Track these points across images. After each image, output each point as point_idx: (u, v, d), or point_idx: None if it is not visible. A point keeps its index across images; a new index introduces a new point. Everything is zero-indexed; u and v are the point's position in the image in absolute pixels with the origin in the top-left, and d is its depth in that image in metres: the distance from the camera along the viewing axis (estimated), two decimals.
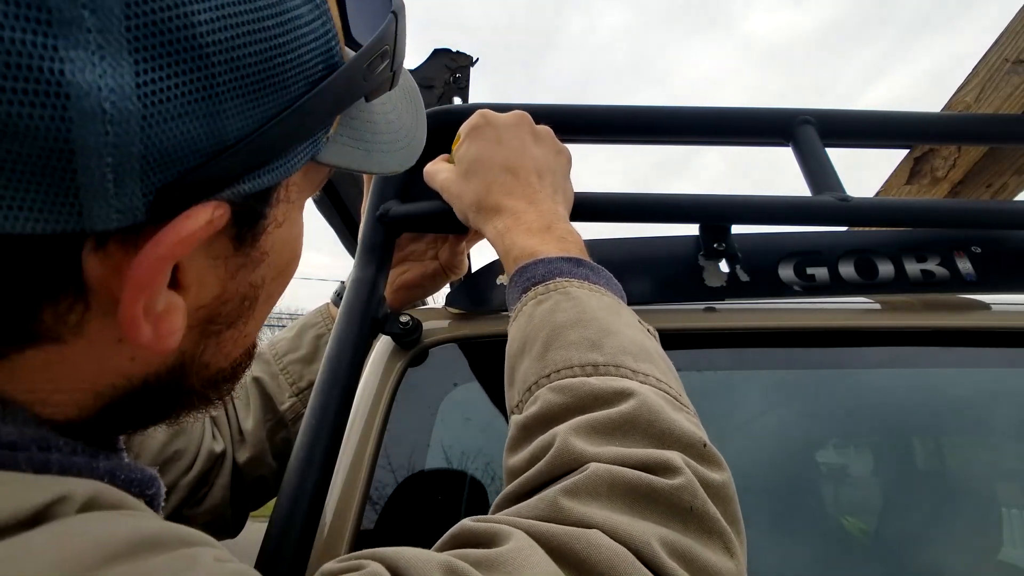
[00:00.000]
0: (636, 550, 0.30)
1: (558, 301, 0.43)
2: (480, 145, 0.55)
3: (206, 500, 0.64)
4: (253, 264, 0.32)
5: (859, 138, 0.72)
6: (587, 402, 0.38)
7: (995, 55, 0.80)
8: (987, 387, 0.72)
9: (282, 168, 0.29)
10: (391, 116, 0.39)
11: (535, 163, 0.55)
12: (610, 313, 0.44)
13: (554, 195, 0.54)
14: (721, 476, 0.36)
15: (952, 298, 0.72)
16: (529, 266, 0.47)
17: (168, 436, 0.62)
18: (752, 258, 0.68)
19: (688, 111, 0.69)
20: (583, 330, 0.41)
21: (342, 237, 1.22)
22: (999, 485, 0.75)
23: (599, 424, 0.37)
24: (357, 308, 0.57)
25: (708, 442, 0.37)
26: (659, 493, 0.33)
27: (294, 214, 0.34)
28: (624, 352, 0.41)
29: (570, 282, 0.45)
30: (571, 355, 0.40)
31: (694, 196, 0.64)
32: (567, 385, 0.39)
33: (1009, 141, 0.76)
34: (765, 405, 0.69)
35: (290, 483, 0.48)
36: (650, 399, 0.37)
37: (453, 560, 0.28)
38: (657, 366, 0.42)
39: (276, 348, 0.74)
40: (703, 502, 0.33)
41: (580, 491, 0.33)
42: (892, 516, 0.73)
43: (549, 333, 0.42)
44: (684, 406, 0.40)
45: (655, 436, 0.36)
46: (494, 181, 0.53)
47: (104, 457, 0.30)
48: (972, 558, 0.66)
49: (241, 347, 0.36)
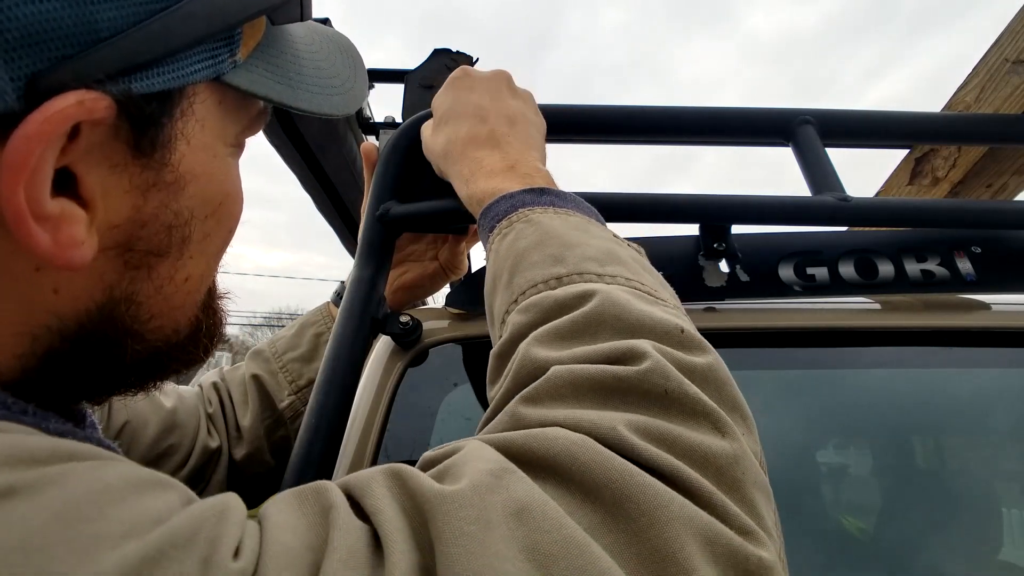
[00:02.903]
0: (600, 436, 0.28)
1: (520, 230, 0.42)
2: (453, 94, 0.54)
3: (202, 496, 0.65)
4: (168, 187, 0.31)
5: (859, 138, 0.72)
6: (551, 313, 0.36)
7: (995, 55, 0.80)
8: (987, 387, 0.72)
9: (173, 73, 0.29)
10: (321, 64, 0.39)
11: (508, 110, 0.53)
12: (575, 229, 0.42)
13: (526, 141, 0.53)
14: (704, 359, 0.33)
15: (952, 298, 0.72)
16: (492, 205, 0.45)
17: (161, 431, 0.62)
18: (752, 258, 0.68)
19: (688, 111, 0.69)
20: (545, 249, 0.40)
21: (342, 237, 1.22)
22: (999, 485, 0.75)
23: (561, 329, 0.35)
24: (357, 308, 0.57)
25: (688, 327, 0.35)
26: (625, 381, 0.31)
27: (214, 143, 0.34)
28: (588, 259, 0.39)
29: (532, 210, 0.43)
30: (534, 274, 0.39)
31: (694, 196, 0.64)
32: (531, 303, 0.38)
33: (1009, 141, 0.76)
34: (765, 405, 0.69)
35: (290, 483, 0.48)
36: (615, 295, 0.35)
37: (396, 465, 0.28)
38: (627, 267, 0.40)
39: (276, 346, 0.74)
40: (679, 383, 0.30)
41: (540, 396, 0.31)
42: (892, 516, 0.73)
43: (513, 261, 0.41)
44: (660, 299, 0.38)
45: (623, 331, 0.34)
46: (461, 128, 0.52)
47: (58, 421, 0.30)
48: (972, 558, 0.66)
49: (187, 293, 0.35)
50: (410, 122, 0.64)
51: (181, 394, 0.68)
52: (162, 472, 0.26)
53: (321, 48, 0.40)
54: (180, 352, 0.37)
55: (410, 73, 0.76)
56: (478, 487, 0.25)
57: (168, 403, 0.65)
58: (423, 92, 0.75)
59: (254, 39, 0.35)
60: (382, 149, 0.64)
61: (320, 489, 0.27)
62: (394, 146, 0.63)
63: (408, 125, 0.64)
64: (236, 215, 0.37)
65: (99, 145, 0.28)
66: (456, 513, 0.24)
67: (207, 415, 0.69)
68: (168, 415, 0.64)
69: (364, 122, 0.82)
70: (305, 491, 0.27)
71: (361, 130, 0.85)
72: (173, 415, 0.64)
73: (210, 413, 0.70)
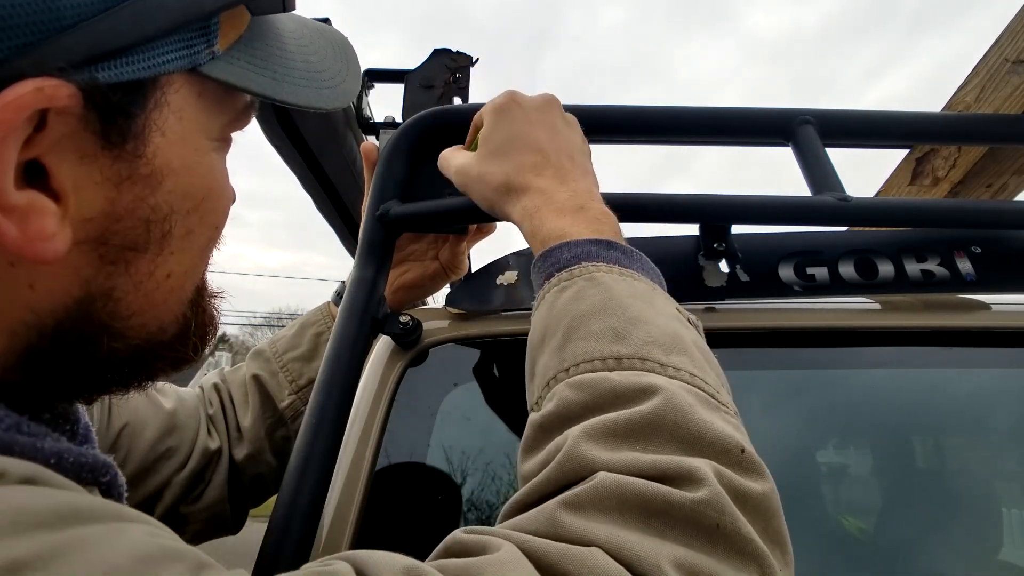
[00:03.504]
0: (640, 572, 0.26)
1: (582, 288, 0.40)
2: (509, 125, 0.52)
3: (203, 497, 0.65)
4: (144, 181, 0.31)
5: (859, 138, 0.72)
6: (607, 400, 0.34)
7: (995, 55, 0.80)
8: (987, 387, 0.72)
9: (143, 63, 0.29)
10: (311, 58, 0.39)
11: (567, 144, 0.51)
12: (640, 300, 0.39)
13: (587, 176, 0.51)
14: (761, 487, 0.31)
15: (952, 298, 0.72)
16: (554, 250, 0.43)
17: (161, 433, 0.62)
18: (752, 258, 0.68)
19: (688, 111, 0.69)
20: (607, 319, 0.37)
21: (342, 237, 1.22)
22: (999, 485, 0.75)
23: (616, 426, 0.33)
24: (357, 308, 0.57)
25: (748, 447, 0.33)
26: (677, 508, 0.29)
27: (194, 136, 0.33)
28: (653, 343, 0.36)
29: (597, 267, 0.41)
30: (592, 347, 0.37)
31: (694, 196, 0.64)
32: (586, 381, 0.35)
33: (1009, 141, 0.76)
34: (765, 405, 0.69)
35: (290, 483, 0.48)
36: (678, 397, 0.33)
37: (420, 564, 0.27)
38: (692, 358, 0.37)
39: (276, 346, 0.74)
40: (732, 519, 0.29)
41: (583, 504, 0.29)
42: (892, 516, 0.73)
43: (570, 323, 0.38)
44: (722, 404, 0.36)
45: (682, 440, 0.32)
46: (524, 161, 0.49)
47: (52, 439, 0.29)
48: (972, 558, 0.66)
49: (169, 291, 0.34)
50: (410, 122, 0.64)
51: (181, 396, 0.69)
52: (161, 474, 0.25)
53: (312, 43, 0.40)
54: (168, 351, 0.36)
55: (410, 73, 0.76)
56: None
57: (168, 405, 0.65)
58: (423, 92, 0.75)
59: (235, 31, 0.34)
60: (382, 149, 0.64)
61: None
62: (394, 146, 0.63)
63: (408, 125, 0.64)
64: (222, 211, 0.37)
65: (68, 136, 0.27)
66: None
67: (207, 416, 0.69)
68: (168, 417, 0.64)
69: (364, 122, 0.82)
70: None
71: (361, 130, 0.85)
72: (173, 417, 0.64)
73: (211, 414, 0.70)
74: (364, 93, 0.81)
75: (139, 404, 0.62)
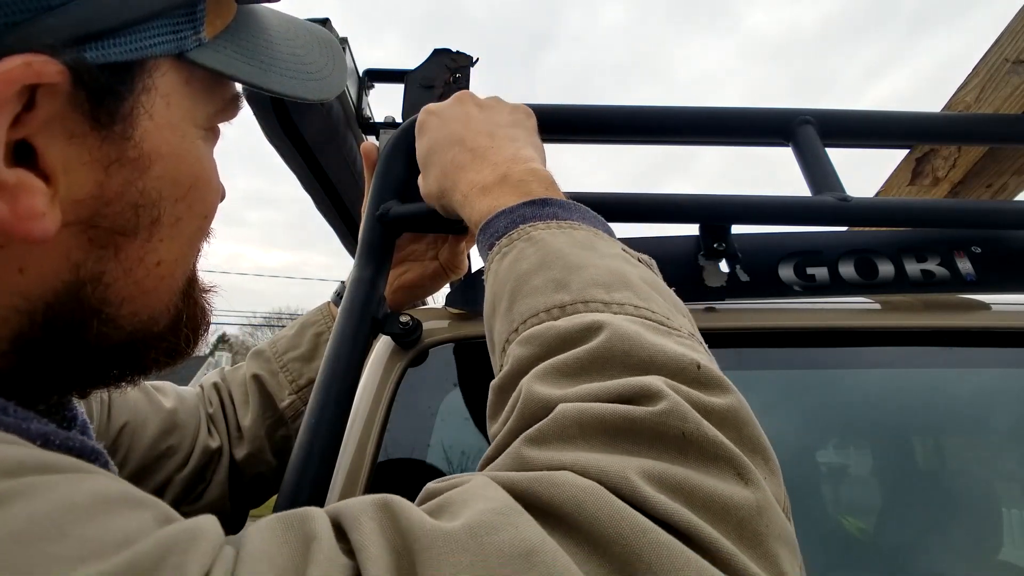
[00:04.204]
0: (611, 485, 0.25)
1: (521, 249, 0.39)
2: (427, 137, 0.53)
3: (204, 496, 0.65)
4: (133, 164, 0.31)
5: (859, 138, 0.72)
6: (554, 346, 0.34)
7: (995, 55, 0.80)
8: (987, 387, 0.72)
9: (130, 45, 0.29)
10: (298, 51, 0.39)
11: (484, 125, 0.51)
12: (580, 248, 0.39)
13: (511, 143, 0.50)
14: (724, 399, 0.30)
15: (952, 298, 0.72)
16: (490, 222, 0.43)
17: (161, 431, 0.62)
18: (752, 258, 0.68)
19: (688, 111, 0.69)
20: (547, 272, 0.37)
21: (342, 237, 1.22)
22: (999, 485, 0.75)
23: (567, 365, 0.32)
24: (357, 308, 0.57)
25: (705, 363, 0.32)
26: (639, 423, 0.28)
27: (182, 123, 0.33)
28: (594, 284, 0.36)
29: (534, 226, 0.40)
30: (536, 301, 0.36)
31: (694, 196, 0.64)
32: (533, 334, 0.35)
33: (1009, 141, 0.76)
34: (765, 405, 0.69)
35: (290, 482, 0.48)
36: (624, 326, 0.33)
37: (389, 497, 0.26)
38: (636, 291, 0.37)
39: (276, 346, 0.74)
40: (696, 424, 0.28)
41: (546, 436, 0.29)
42: (892, 516, 0.73)
43: (514, 285, 0.38)
44: (673, 329, 0.35)
45: (634, 367, 0.31)
46: (446, 161, 0.50)
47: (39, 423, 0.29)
48: (972, 558, 0.66)
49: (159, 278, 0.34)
50: (410, 122, 0.64)
51: (181, 395, 0.69)
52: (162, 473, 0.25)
53: (298, 36, 0.40)
54: (159, 342, 0.36)
55: (410, 73, 0.76)
56: (476, 528, 0.23)
57: (168, 403, 0.65)
58: (423, 92, 0.75)
59: (221, 19, 0.34)
60: (382, 149, 0.64)
61: (306, 518, 0.25)
62: (394, 146, 0.63)
63: (408, 125, 0.64)
64: (210, 202, 0.37)
65: (57, 116, 0.28)
66: (448, 557, 0.22)
67: (208, 415, 0.69)
68: (168, 416, 0.64)
69: (364, 122, 0.82)
70: (290, 518, 0.25)
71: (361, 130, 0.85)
72: (173, 415, 0.64)
73: (211, 413, 0.70)
74: (364, 93, 0.81)
75: (139, 403, 0.62)
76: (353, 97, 0.78)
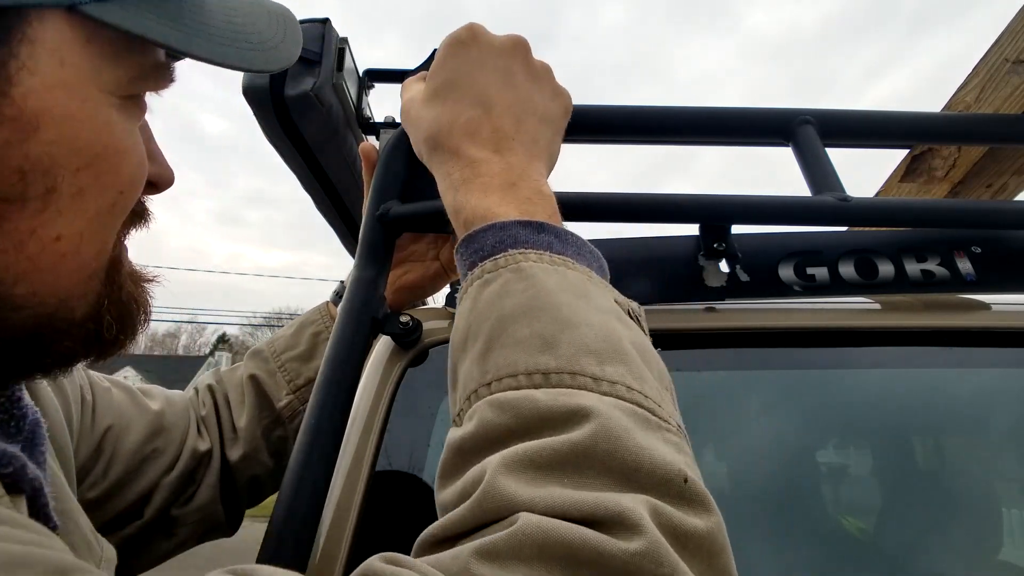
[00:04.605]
0: None
1: (507, 282, 0.35)
2: (456, 64, 0.45)
3: (194, 499, 0.64)
4: (12, 124, 0.28)
5: (859, 138, 0.72)
6: (532, 424, 0.30)
7: (995, 55, 0.80)
8: (987, 387, 0.72)
9: None
10: (237, 20, 0.37)
11: (518, 102, 0.45)
12: (573, 295, 0.35)
13: (532, 146, 0.45)
14: (705, 523, 0.28)
15: (952, 298, 0.72)
16: (478, 234, 0.38)
17: (147, 434, 0.61)
18: (752, 258, 0.68)
19: (688, 111, 0.69)
20: (534, 322, 0.33)
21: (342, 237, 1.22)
22: (999, 485, 0.75)
23: (541, 457, 0.28)
24: (357, 308, 0.57)
25: (691, 474, 0.29)
26: (608, 559, 0.25)
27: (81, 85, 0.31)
28: (585, 351, 0.32)
29: (525, 255, 0.36)
30: (517, 358, 0.32)
31: (694, 196, 0.64)
32: (509, 400, 0.31)
33: (1009, 141, 0.76)
34: (765, 405, 0.69)
35: (290, 483, 0.48)
36: (612, 420, 0.29)
37: None
38: (630, 366, 0.33)
39: (274, 346, 0.74)
40: (672, 569, 0.25)
41: (500, 553, 0.26)
42: (892, 516, 0.73)
43: (494, 325, 0.34)
44: (663, 421, 0.31)
45: (616, 472, 0.28)
46: (459, 114, 0.43)
47: None
48: (972, 558, 0.66)
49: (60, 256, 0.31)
50: None
51: (169, 397, 0.68)
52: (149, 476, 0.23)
53: (240, 8, 0.38)
54: (76, 329, 0.34)
55: (410, 73, 0.76)
56: None
57: (155, 406, 0.64)
58: None
59: None
60: (382, 149, 0.64)
61: None
62: (394, 146, 0.63)
63: None
64: (126, 175, 0.34)
65: None
66: None
67: (200, 418, 0.68)
68: (154, 418, 0.63)
69: (364, 122, 0.82)
70: None
71: (361, 130, 0.85)
72: (160, 418, 0.63)
73: (202, 416, 0.69)
74: (364, 93, 0.81)
75: (124, 406, 0.61)
76: (353, 97, 0.78)
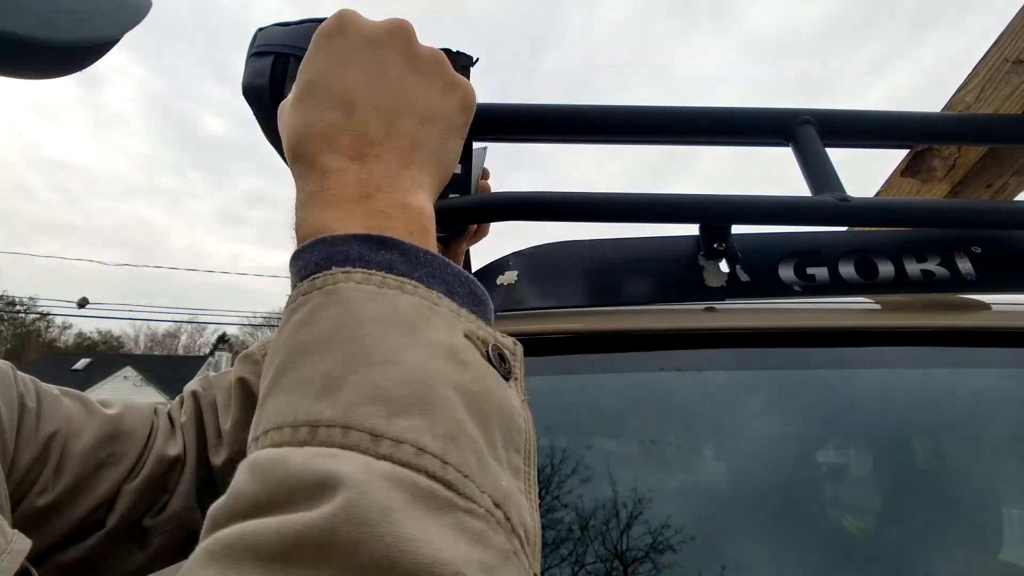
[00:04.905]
0: None
1: (317, 307, 0.29)
2: (319, 61, 0.39)
3: (168, 507, 0.61)
4: None
5: (859, 138, 0.72)
6: (278, 496, 0.23)
7: (995, 55, 0.80)
8: (987, 387, 0.72)
9: None
10: None
11: (390, 99, 0.38)
12: (391, 325, 0.28)
13: (410, 151, 0.37)
14: None
15: (952, 298, 0.72)
16: (305, 250, 0.32)
17: (99, 439, 0.58)
18: (752, 258, 0.68)
19: (688, 111, 0.69)
20: (325, 356, 0.27)
21: None
22: (999, 485, 0.75)
23: (267, 546, 0.21)
24: None
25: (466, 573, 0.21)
26: None
27: None
28: (373, 398, 0.25)
29: (349, 274, 0.29)
30: (291, 404, 0.26)
31: (694, 196, 0.64)
32: (262, 461, 0.24)
33: (1009, 141, 0.76)
34: (765, 405, 0.69)
35: None
36: (367, 497, 0.22)
37: None
38: (436, 419, 0.25)
39: (265, 348, 0.73)
40: None
41: None
42: (892, 516, 0.73)
43: (285, 359, 0.28)
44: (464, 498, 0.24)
45: (360, 571, 0.21)
46: (318, 119, 0.37)
47: None
48: (972, 558, 0.66)
49: None
50: None
51: (130, 404, 0.64)
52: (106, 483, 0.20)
53: None
54: None
55: None
56: None
57: (110, 411, 0.61)
58: None
59: None
60: None
61: None
62: None
63: None
64: None
65: None
66: None
67: (178, 424, 0.65)
68: (107, 423, 0.59)
69: None
70: None
71: None
72: (114, 422, 0.60)
73: (182, 422, 0.66)
74: None
75: (73, 412, 0.58)
76: None
